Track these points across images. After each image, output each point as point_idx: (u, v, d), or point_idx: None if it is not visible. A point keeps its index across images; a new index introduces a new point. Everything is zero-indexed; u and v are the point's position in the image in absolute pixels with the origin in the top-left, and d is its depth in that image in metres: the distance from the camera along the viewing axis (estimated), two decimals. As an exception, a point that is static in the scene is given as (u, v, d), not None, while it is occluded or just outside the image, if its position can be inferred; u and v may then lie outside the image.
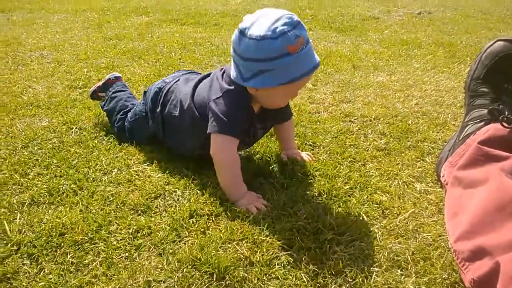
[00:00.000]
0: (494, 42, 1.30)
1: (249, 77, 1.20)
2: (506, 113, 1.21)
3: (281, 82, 1.18)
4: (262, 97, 1.27)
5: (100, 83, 1.83)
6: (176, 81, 1.51)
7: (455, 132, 1.45)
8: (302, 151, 1.53)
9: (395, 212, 1.22)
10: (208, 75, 1.42)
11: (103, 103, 1.77)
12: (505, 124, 1.20)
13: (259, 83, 1.20)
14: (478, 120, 1.29)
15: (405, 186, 1.35)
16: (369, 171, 1.43)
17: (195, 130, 1.36)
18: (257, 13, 1.19)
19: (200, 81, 1.41)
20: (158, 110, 1.49)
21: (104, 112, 1.77)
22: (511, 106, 1.27)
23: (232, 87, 1.26)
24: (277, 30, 1.12)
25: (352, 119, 1.82)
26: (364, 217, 1.19)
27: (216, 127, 1.25)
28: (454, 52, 2.90)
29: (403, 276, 0.99)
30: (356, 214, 1.20)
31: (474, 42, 3.19)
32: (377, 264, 1.02)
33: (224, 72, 1.31)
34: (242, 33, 1.17)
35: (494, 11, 4.53)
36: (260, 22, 1.15)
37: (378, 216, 1.20)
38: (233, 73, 1.24)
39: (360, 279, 0.97)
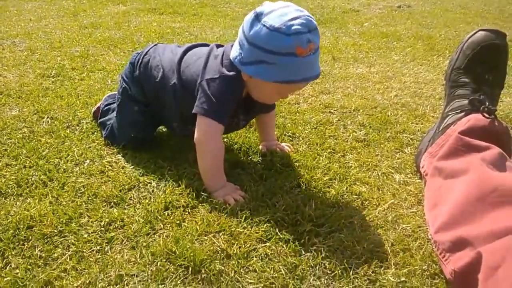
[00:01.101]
0: (476, 32, 1.29)
1: (248, 62, 1.15)
2: (487, 103, 1.21)
3: (276, 80, 1.15)
4: (253, 86, 1.23)
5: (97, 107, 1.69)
6: (154, 45, 1.45)
7: (434, 123, 1.44)
8: (281, 142, 1.50)
9: (374, 203, 1.21)
10: (197, 45, 1.36)
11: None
12: (485, 115, 1.19)
13: (256, 72, 1.16)
14: (459, 111, 1.28)
15: (384, 177, 1.33)
16: (349, 162, 1.41)
17: (174, 101, 1.32)
18: (279, 3, 1.15)
19: (188, 49, 1.35)
20: (136, 73, 1.42)
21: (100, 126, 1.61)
22: (492, 96, 1.26)
23: (231, 74, 1.20)
24: (293, 27, 1.08)
25: (331, 110, 1.80)
26: (344, 208, 1.17)
27: (204, 110, 1.20)
28: (433, 45, 2.91)
29: (382, 268, 0.97)
30: (335, 205, 1.18)
31: (453, 36, 3.21)
32: (356, 255, 1.00)
33: (224, 53, 1.25)
34: (257, 17, 1.12)
35: (472, 6, 4.57)
36: (279, 13, 1.11)
37: (357, 207, 1.18)
38: (233, 53, 1.19)
39: (339, 271, 0.95)
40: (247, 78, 1.20)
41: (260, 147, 1.47)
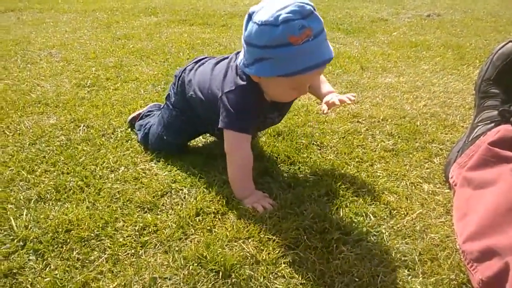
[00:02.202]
0: (506, 44, 1.29)
1: (250, 63, 1.17)
2: (517, 114, 1.20)
3: (279, 74, 1.13)
4: (265, 87, 1.23)
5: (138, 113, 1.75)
6: (194, 62, 1.49)
7: (464, 133, 1.44)
8: (309, 150, 1.51)
9: (402, 212, 1.21)
10: (225, 58, 1.38)
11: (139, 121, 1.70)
12: (515, 125, 1.19)
13: (257, 70, 1.16)
14: (488, 121, 1.27)
15: (413, 187, 1.33)
16: (377, 172, 1.41)
17: (207, 115, 1.37)
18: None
19: (217, 63, 1.38)
20: (177, 88, 1.47)
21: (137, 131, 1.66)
22: (522, 107, 1.25)
23: (245, 83, 1.22)
24: (280, 17, 1.05)
25: (360, 120, 1.81)
26: (371, 217, 1.18)
27: (226, 123, 1.23)
28: (463, 55, 2.88)
29: (410, 276, 0.98)
30: (363, 214, 1.19)
31: (484, 45, 3.16)
32: (384, 264, 1.01)
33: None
34: (250, 16, 1.13)
35: (503, 14, 4.49)
36: (268, 7, 1.09)
37: (385, 217, 1.19)
38: (239, 58, 1.22)
39: (367, 279, 0.96)
40: (257, 79, 1.21)
41: (322, 108, 1.37)
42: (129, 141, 1.61)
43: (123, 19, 3.97)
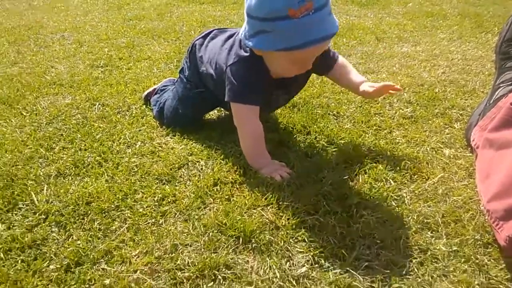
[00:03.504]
0: (527, 1, 1.24)
1: (250, 35, 1.14)
2: (539, 73, 1.16)
3: (277, 48, 1.10)
4: (268, 61, 1.21)
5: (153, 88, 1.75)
6: (205, 34, 1.46)
7: (485, 97, 1.40)
8: (325, 120, 1.50)
9: (423, 177, 1.19)
10: (234, 33, 1.36)
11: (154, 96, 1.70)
12: (538, 84, 1.15)
13: (258, 43, 1.13)
14: (510, 83, 1.24)
15: (434, 152, 1.31)
16: (396, 139, 1.39)
17: (216, 89, 1.36)
18: None
19: (228, 37, 1.36)
20: (188, 60, 1.47)
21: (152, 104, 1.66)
22: (545, 66, 1.21)
23: (247, 54, 1.21)
24: None
25: (376, 89, 1.78)
26: (392, 182, 1.16)
27: (230, 96, 1.23)
28: (481, 23, 2.81)
29: (433, 238, 0.96)
30: (383, 179, 1.18)
31: (502, 12, 3.08)
32: (406, 226, 1.00)
33: None
34: None
35: (522, -19, 4.36)
36: None
37: (406, 181, 1.17)
38: (242, 29, 1.20)
39: (389, 241, 0.95)
40: (259, 53, 1.18)
41: (360, 93, 1.32)
42: (144, 117, 1.61)
43: (133, 0, 3.95)
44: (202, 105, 1.52)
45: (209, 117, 1.62)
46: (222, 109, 1.61)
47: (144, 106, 1.70)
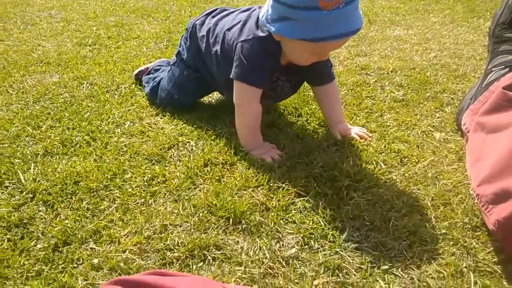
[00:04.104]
0: (522, -15, 1.24)
1: (274, 20, 1.09)
2: (532, 57, 1.16)
3: (302, 37, 1.05)
4: (286, 47, 1.16)
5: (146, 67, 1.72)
6: (207, 13, 1.42)
7: (476, 81, 1.40)
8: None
9: (414, 160, 1.19)
10: (247, 9, 1.31)
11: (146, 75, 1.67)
12: (531, 69, 1.15)
13: (281, 29, 1.08)
14: (503, 66, 1.24)
15: (424, 135, 1.31)
16: (387, 122, 1.39)
17: (217, 67, 1.33)
18: None
19: (235, 14, 1.33)
20: (188, 41, 1.43)
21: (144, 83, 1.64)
22: (538, 50, 1.21)
23: (264, 35, 1.16)
24: None
25: (368, 72, 1.77)
26: (382, 165, 1.16)
27: (237, 74, 1.19)
28: (473, 7, 2.80)
29: (422, 221, 0.97)
30: (374, 162, 1.18)
31: (494, -3, 3.07)
32: (396, 209, 1.00)
33: (259, 13, 1.20)
34: None
35: (515, -34, 4.34)
36: None
37: (396, 164, 1.17)
38: (262, 11, 1.15)
39: (379, 223, 0.95)
40: (278, 38, 1.14)
41: (331, 131, 1.31)
42: (134, 97, 1.59)
43: (122, -21, 3.86)
44: (198, 91, 1.50)
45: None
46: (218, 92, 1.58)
47: (133, 85, 1.68)
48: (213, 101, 1.59)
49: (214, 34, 1.32)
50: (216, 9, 1.43)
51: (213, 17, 1.39)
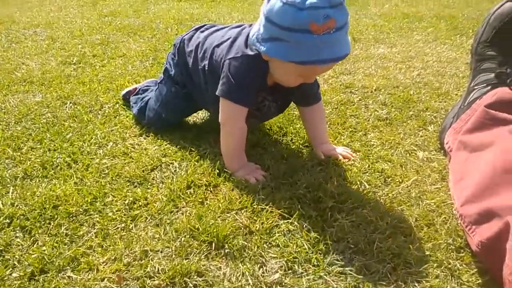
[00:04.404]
0: (503, 4, 1.25)
1: (264, 39, 1.08)
2: (514, 76, 1.17)
3: (291, 59, 1.05)
4: (273, 67, 1.16)
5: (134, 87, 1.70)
6: (195, 29, 1.42)
7: (459, 99, 1.41)
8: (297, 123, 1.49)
9: (397, 180, 1.19)
10: (236, 26, 1.31)
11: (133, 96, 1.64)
12: (512, 88, 1.16)
13: (270, 50, 1.08)
14: (485, 84, 1.25)
15: (407, 155, 1.31)
16: (371, 141, 1.39)
17: (205, 84, 1.31)
18: None
19: (223, 30, 1.33)
20: (176, 57, 1.42)
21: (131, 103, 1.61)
22: (519, 69, 1.23)
23: (252, 53, 1.16)
24: (308, 1, 0.98)
25: (352, 90, 1.78)
26: (366, 185, 1.16)
27: (223, 92, 1.18)
28: (456, 25, 2.85)
29: (406, 242, 0.96)
30: (358, 182, 1.17)
31: (476, 15, 3.13)
32: (380, 230, 0.99)
33: (249, 32, 1.19)
34: None
35: (496, -16, 4.44)
36: None
37: (380, 184, 1.17)
38: (253, 30, 1.14)
39: (363, 245, 0.94)
40: (267, 58, 1.14)
41: (317, 153, 1.30)
42: (117, 117, 1.57)
43: (109, -4, 3.87)
44: (187, 109, 1.49)
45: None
46: (205, 110, 1.57)
47: (117, 104, 1.66)
48: (197, 120, 1.58)
49: (203, 49, 1.31)
50: (205, 25, 1.43)
51: (202, 32, 1.39)
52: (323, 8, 0.98)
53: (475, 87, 1.26)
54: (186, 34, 1.42)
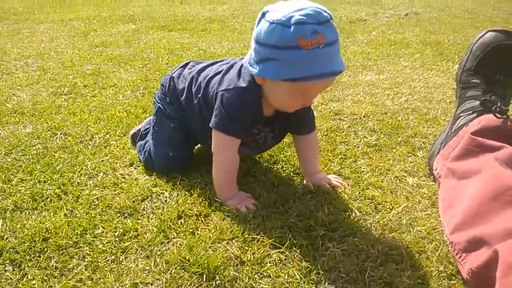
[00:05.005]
0: (486, 33, 1.29)
1: (256, 62, 1.10)
2: (499, 103, 1.20)
3: (283, 77, 1.05)
4: (268, 91, 1.15)
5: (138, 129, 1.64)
6: (182, 66, 1.42)
7: (446, 125, 1.43)
8: (289, 150, 1.50)
9: (388, 206, 1.20)
10: (228, 60, 1.32)
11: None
12: (497, 115, 1.19)
13: (262, 70, 1.08)
14: (471, 112, 1.27)
15: (397, 181, 1.32)
16: (361, 167, 1.40)
17: (200, 118, 1.30)
18: (289, 1, 1.07)
19: (215, 64, 1.34)
20: (168, 96, 1.41)
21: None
22: (503, 97, 1.26)
23: (245, 85, 1.17)
24: (294, 18, 0.99)
25: (341, 117, 1.80)
26: (357, 212, 1.16)
27: (216, 124, 1.19)
28: (442, 51, 2.91)
29: (398, 270, 0.96)
30: (348, 210, 1.18)
31: (462, 41, 3.20)
32: (371, 258, 0.99)
33: (242, 64, 1.20)
34: (263, 14, 1.07)
35: (480, 11, 4.56)
36: (284, 8, 1.03)
37: (371, 211, 1.18)
38: (246, 57, 1.16)
39: (354, 274, 0.94)
40: (261, 82, 1.14)
41: (305, 181, 1.32)
42: (108, 147, 1.58)
43: (100, 27, 3.92)
44: (190, 140, 1.44)
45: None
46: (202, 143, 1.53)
47: (107, 135, 1.67)
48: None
49: (197, 83, 1.32)
50: (189, 62, 1.44)
51: (190, 68, 1.40)
52: (310, 24, 0.99)
53: (461, 114, 1.28)
54: (174, 72, 1.42)
